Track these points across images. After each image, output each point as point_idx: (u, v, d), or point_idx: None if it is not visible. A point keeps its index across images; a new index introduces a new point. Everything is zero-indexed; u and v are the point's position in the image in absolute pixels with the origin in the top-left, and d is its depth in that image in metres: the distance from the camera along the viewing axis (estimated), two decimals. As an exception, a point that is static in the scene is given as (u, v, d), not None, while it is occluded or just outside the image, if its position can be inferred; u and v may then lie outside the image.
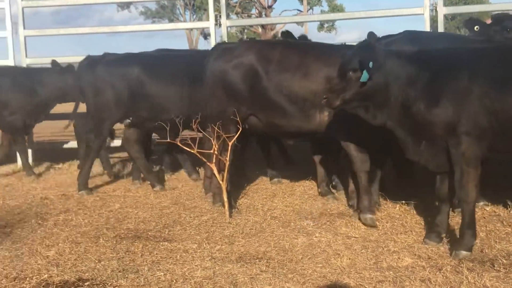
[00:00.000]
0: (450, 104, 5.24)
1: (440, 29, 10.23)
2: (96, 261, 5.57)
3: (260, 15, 51.46)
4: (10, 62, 10.96)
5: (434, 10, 10.37)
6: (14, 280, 5.16)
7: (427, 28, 10.10)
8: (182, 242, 6.09)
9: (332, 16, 27.99)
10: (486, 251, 5.48)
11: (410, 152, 5.63)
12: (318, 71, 6.58)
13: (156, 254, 5.76)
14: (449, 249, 5.54)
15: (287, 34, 7.62)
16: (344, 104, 5.59)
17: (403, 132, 5.57)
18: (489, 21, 7.53)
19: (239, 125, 6.66)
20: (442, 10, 10.22)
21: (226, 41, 11.11)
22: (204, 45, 60.09)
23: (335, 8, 51.75)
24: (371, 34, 6.57)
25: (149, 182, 8.61)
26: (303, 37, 7.59)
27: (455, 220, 6.15)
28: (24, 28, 11.17)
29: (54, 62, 9.96)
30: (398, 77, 5.47)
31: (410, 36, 7.02)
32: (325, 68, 6.52)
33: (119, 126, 8.95)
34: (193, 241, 6.12)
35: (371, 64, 5.40)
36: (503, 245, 5.60)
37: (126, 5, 54.35)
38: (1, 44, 11.33)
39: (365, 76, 5.42)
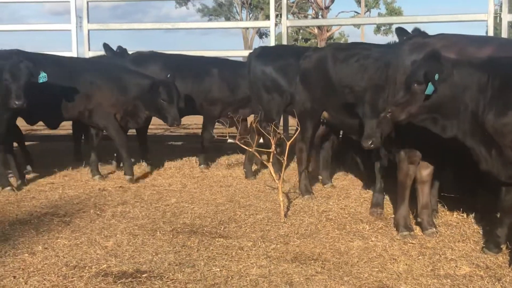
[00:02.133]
0: None
1: (504, 36, 10.05)
2: (153, 254, 5.66)
3: (316, 16, 51.37)
4: (73, 55, 11.19)
5: (498, 17, 10.15)
6: (74, 269, 5.27)
7: (490, 35, 9.95)
8: (237, 239, 6.14)
9: (392, 19, 27.70)
10: (547, 263, 5.38)
11: (483, 163, 5.41)
12: None
13: (212, 250, 5.82)
14: (508, 259, 5.44)
15: (400, 31, 7.40)
16: (410, 117, 5.40)
17: (475, 143, 5.37)
18: None
19: None
20: (507, 17, 10.04)
21: (285, 41, 11.18)
22: (259, 44, 60.18)
23: (393, 11, 51.31)
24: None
25: None
26: (416, 30, 7.38)
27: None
28: (88, 21, 11.40)
29: None
30: (467, 87, 5.27)
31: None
32: None
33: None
34: (248, 239, 6.15)
35: (437, 76, 5.21)
36: None
37: (184, 2, 54.90)
38: (65, 37, 11.60)
39: (430, 89, 5.23)
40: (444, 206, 7.08)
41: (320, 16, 50.76)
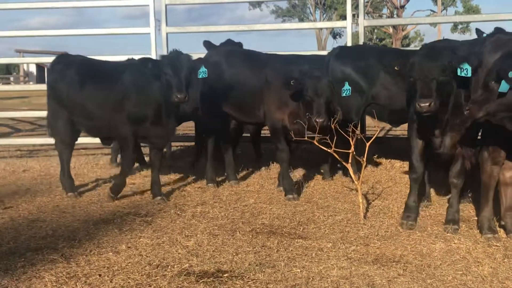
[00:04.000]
0: None
1: None
2: (234, 254, 5.71)
3: (391, 15, 50.74)
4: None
5: None
6: (157, 268, 5.37)
7: None
8: (317, 240, 6.12)
9: (471, 17, 27.00)
10: None
11: None
12: None
13: (292, 250, 5.82)
14: None
15: (498, 30, 7.22)
16: (487, 115, 5.36)
17: None
18: None
19: None
20: None
21: (364, 41, 11.07)
22: (333, 44, 59.93)
23: (471, 9, 50.17)
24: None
25: None
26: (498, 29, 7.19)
27: None
28: (166, 25, 11.59)
29: None
30: None
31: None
32: None
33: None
34: (328, 240, 6.13)
35: (511, 73, 5.13)
36: None
37: (258, 4, 55.15)
38: (144, 40, 11.76)
39: (503, 86, 5.18)
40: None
41: (395, 15, 50.16)
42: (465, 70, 5.82)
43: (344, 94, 7.74)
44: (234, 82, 8.59)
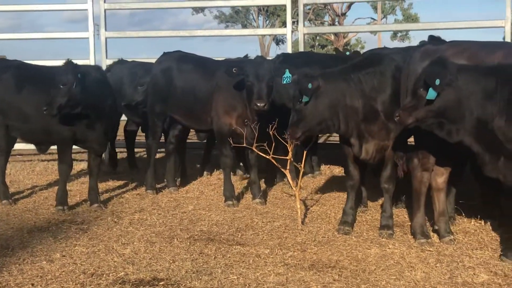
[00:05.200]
0: None
1: (521, 42, 10.00)
2: (171, 261, 5.67)
3: (333, 22, 51.30)
4: (90, 63, 11.25)
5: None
6: (92, 276, 5.30)
7: (508, 40, 9.88)
8: (255, 246, 6.14)
9: (409, 26, 27.59)
10: None
11: (488, 169, 5.48)
12: None
13: (229, 257, 5.82)
14: (527, 268, 5.41)
15: (433, 37, 7.35)
16: (416, 122, 5.49)
17: (480, 148, 5.42)
18: None
19: None
20: (525, 23, 9.99)
21: (302, 48, 11.18)
22: (276, 51, 60.24)
23: (410, 18, 51.12)
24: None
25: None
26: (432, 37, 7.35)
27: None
28: (105, 29, 11.48)
29: None
30: (473, 92, 5.32)
31: None
32: None
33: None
34: (266, 246, 6.15)
35: (437, 81, 5.27)
36: None
37: (201, 9, 55.00)
38: (83, 45, 11.65)
39: (430, 94, 5.31)
40: (461, 213, 7.03)
41: (336, 23, 50.69)
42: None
43: (284, 82, 7.66)
44: (184, 88, 8.52)
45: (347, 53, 11.06)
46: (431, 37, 6.85)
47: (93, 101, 7.41)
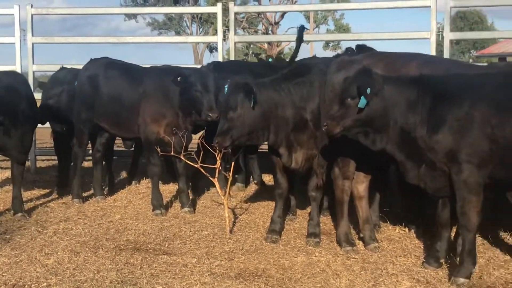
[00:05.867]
0: (451, 131, 5.23)
1: (446, 53, 10.29)
2: (95, 272, 5.58)
3: (266, 31, 51.63)
4: (17, 68, 11.00)
5: (440, 35, 10.39)
6: (13, 287, 5.16)
7: (432, 52, 10.16)
8: (182, 256, 6.10)
9: (340, 36, 28.08)
10: (485, 277, 5.47)
11: (409, 176, 5.62)
12: None
13: (155, 267, 5.77)
14: (448, 274, 5.53)
15: (360, 46, 7.39)
16: (344, 131, 5.55)
17: (402, 156, 5.56)
18: None
19: None
20: (449, 36, 10.28)
21: (233, 57, 11.20)
22: (210, 58, 60.24)
23: (341, 28, 52.00)
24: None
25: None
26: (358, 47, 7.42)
27: (455, 245, 6.13)
28: (32, 35, 11.24)
29: None
30: (397, 102, 5.46)
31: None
32: None
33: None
34: (193, 255, 6.12)
35: (369, 90, 5.37)
36: (502, 272, 5.59)
37: (133, 15, 54.52)
38: (9, 50, 11.39)
39: (362, 102, 5.40)
40: (386, 221, 7.16)
41: (270, 32, 51.03)
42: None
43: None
44: (111, 95, 8.38)
45: (270, 59, 11.15)
46: (358, 47, 7.00)
47: (4, 107, 7.24)
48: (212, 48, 57.11)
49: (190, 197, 8.25)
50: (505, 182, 5.55)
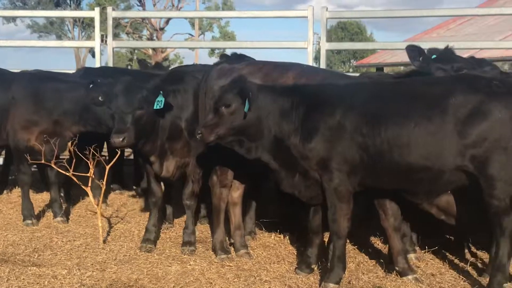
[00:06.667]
0: (323, 139, 5.35)
1: (322, 63, 10.55)
2: (-43, 286, 5.32)
3: (151, 37, 51.21)
4: None
5: (317, 45, 10.66)
6: None
7: (309, 61, 10.39)
8: (52, 267, 5.91)
9: (221, 44, 28.21)
10: (354, 282, 5.62)
11: (284, 184, 5.71)
12: None
13: (23, 279, 5.57)
14: (319, 280, 5.65)
15: (238, 55, 7.37)
16: (218, 139, 5.54)
17: (277, 165, 5.63)
18: None
19: None
20: (325, 46, 10.55)
21: (111, 62, 11.03)
22: (92, 63, 58.93)
23: (226, 35, 52.33)
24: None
25: None
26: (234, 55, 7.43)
27: (327, 251, 6.28)
28: None
29: None
30: (271, 111, 5.52)
31: None
32: None
33: None
34: (63, 266, 5.95)
35: (250, 94, 5.42)
36: (370, 277, 5.77)
37: (12, 18, 52.57)
38: None
39: (247, 106, 5.41)
40: (262, 228, 7.24)
41: (154, 37, 50.65)
42: (159, 103, 6.06)
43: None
44: None
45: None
46: (234, 55, 7.04)
47: None
48: (94, 53, 56.08)
49: (63, 206, 7.99)
50: (375, 190, 5.73)
